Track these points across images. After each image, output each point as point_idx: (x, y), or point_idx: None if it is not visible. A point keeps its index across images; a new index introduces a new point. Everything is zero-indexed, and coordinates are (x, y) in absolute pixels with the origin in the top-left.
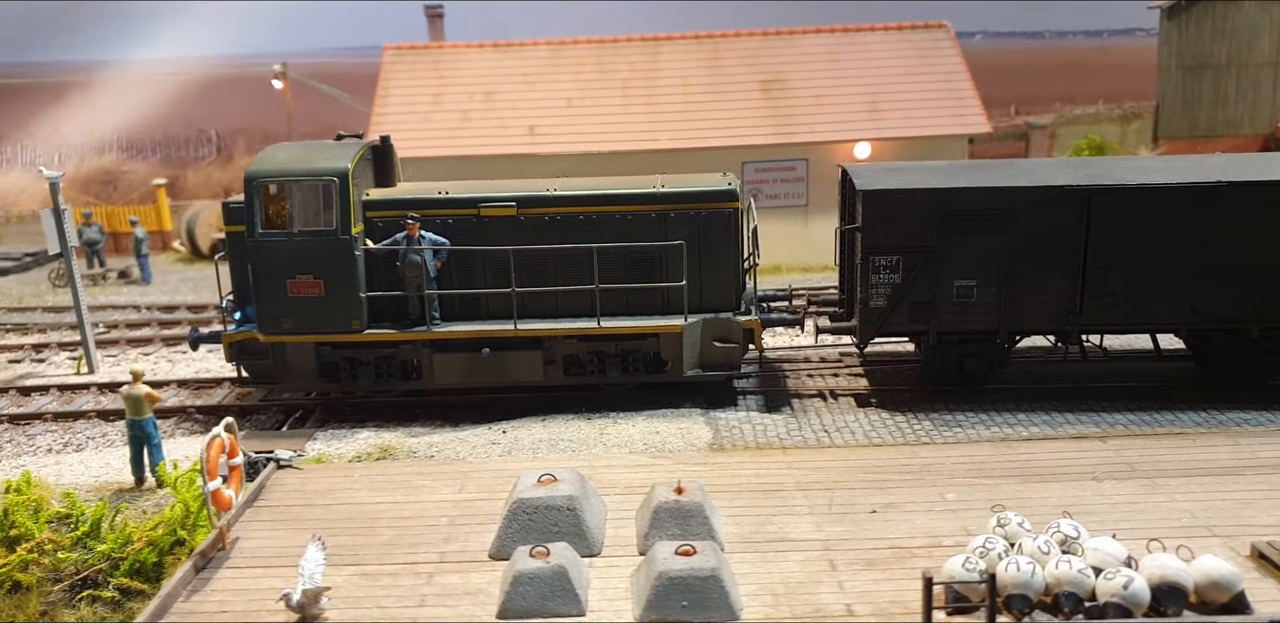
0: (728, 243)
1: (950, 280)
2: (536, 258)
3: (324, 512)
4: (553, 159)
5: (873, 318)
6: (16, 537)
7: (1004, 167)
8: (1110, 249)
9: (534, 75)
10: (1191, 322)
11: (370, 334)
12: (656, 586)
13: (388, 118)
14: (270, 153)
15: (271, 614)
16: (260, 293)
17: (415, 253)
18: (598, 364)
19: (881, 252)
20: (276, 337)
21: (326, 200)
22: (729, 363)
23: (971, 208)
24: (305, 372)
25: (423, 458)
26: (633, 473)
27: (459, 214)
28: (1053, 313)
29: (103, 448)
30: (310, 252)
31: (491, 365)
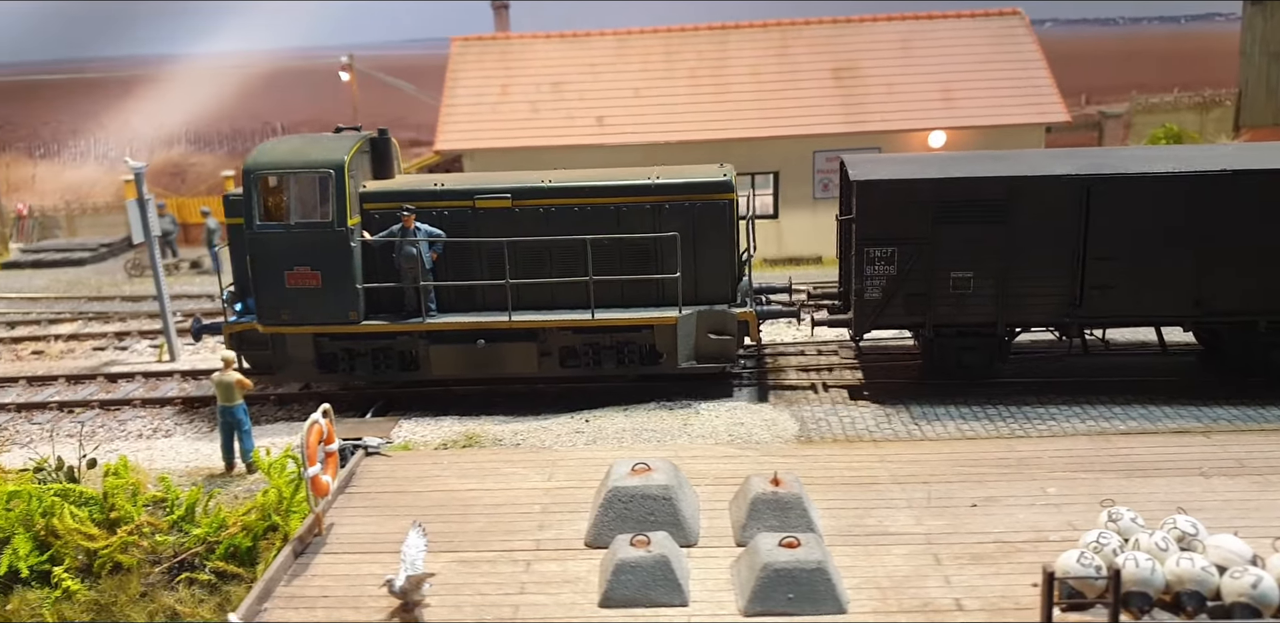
0: (723, 234)
1: (946, 272)
2: (531, 250)
3: (416, 499)
4: (621, 149)
5: (868, 310)
6: (116, 519)
7: (1001, 157)
8: (1110, 240)
9: (601, 66)
10: (1196, 315)
11: (366, 325)
12: (762, 578)
13: (457, 110)
14: (269, 145)
15: (373, 600)
16: (259, 284)
17: (410, 245)
18: (593, 356)
19: (876, 243)
20: (275, 328)
21: (323, 193)
22: (724, 355)
23: (966, 198)
24: (304, 363)
25: (508, 446)
26: (721, 464)
27: (454, 206)
28: (1052, 305)
29: (190, 434)
30: (307, 243)
31: (487, 357)
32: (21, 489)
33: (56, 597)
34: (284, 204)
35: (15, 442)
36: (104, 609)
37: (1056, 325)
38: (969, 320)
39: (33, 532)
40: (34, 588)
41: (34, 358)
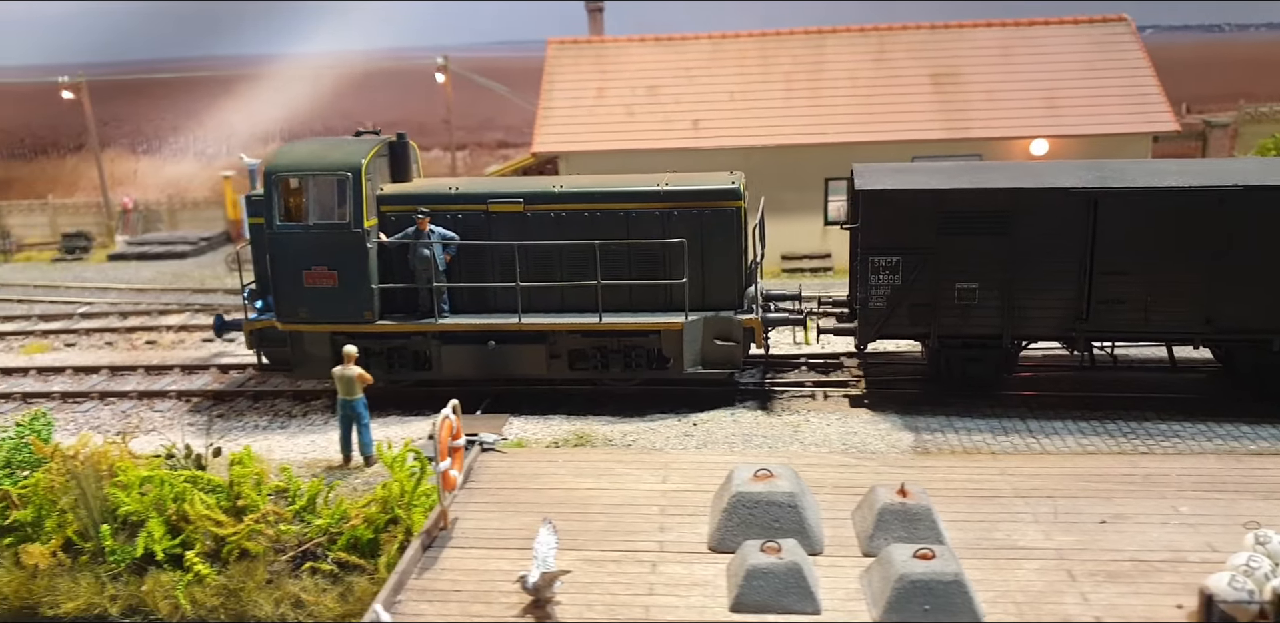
0: (730, 241)
1: (951, 283)
2: (542, 253)
3: (535, 496)
4: (717, 153)
5: (872, 319)
6: (243, 507)
7: (1012, 168)
8: (1118, 254)
9: (696, 69)
10: (1206, 331)
11: (381, 325)
12: (897, 588)
13: (553, 112)
14: (290, 147)
15: (504, 595)
16: (278, 283)
17: (425, 247)
18: (600, 359)
19: (880, 252)
20: (293, 325)
21: (341, 194)
22: (730, 361)
23: (970, 209)
24: (321, 360)
25: (619, 446)
26: (838, 473)
27: (468, 210)
28: (1058, 319)
29: (305, 427)
30: (325, 244)
31: (497, 358)
32: (154, 474)
33: (189, 580)
34: (303, 205)
35: (140, 429)
36: (232, 594)
37: (1063, 339)
38: (974, 332)
39: (165, 516)
40: (166, 571)
41: (148, 347)
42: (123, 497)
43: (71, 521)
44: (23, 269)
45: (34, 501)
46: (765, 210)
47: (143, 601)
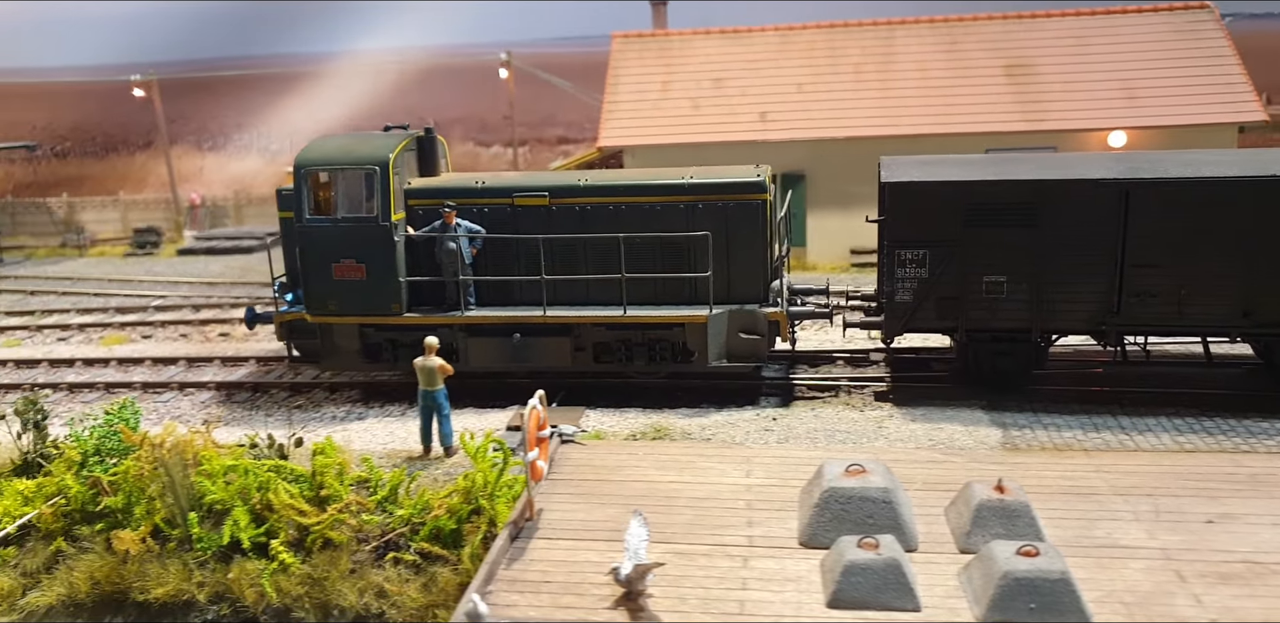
0: (756, 234)
1: (978, 276)
2: (567, 247)
3: (619, 488)
4: (785, 145)
5: (899, 313)
6: (326, 497)
7: (1041, 160)
8: (1150, 246)
9: (763, 61)
10: (1244, 326)
11: (408, 317)
12: (1001, 586)
13: (619, 106)
14: (319, 142)
15: (595, 587)
16: (307, 276)
17: (451, 240)
18: (625, 352)
19: (906, 245)
20: (323, 317)
21: (369, 188)
22: (755, 355)
23: (997, 201)
24: (350, 352)
25: (699, 440)
26: (926, 469)
27: (494, 203)
28: (1088, 312)
29: (382, 417)
30: (353, 237)
31: (522, 350)
32: (238, 464)
33: (274, 569)
34: (332, 199)
35: (221, 419)
36: (316, 583)
37: (1093, 333)
38: (1002, 326)
39: (249, 505)
40: (251, 559)
41: (222, 339)
42: (209, 485)
43: (159, 508)
44: (96, 263)
45: (123, 488)
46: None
47: (229, 588)
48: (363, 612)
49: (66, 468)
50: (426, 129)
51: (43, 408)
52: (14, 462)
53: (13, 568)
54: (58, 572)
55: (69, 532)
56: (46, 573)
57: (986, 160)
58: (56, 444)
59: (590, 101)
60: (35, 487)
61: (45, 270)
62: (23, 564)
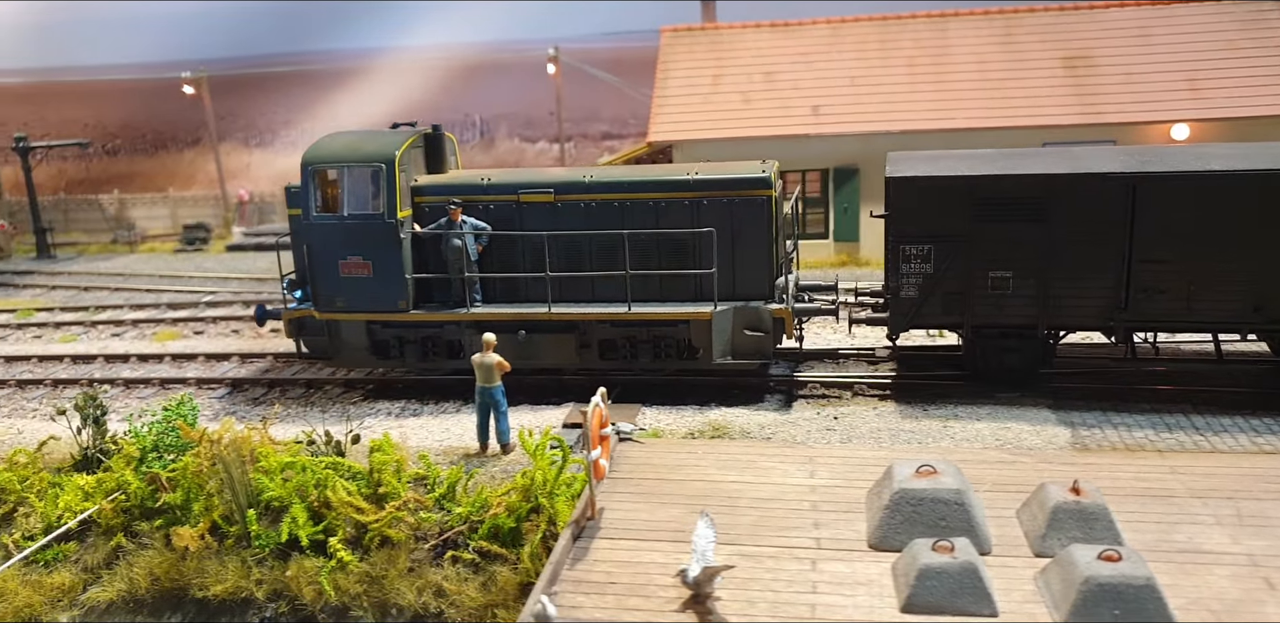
0: (761, 231)
1: (984, 271)
2: (572, 243)
3: (679, 487)
4: (838, 139)
5: (904, 308)
6: (384, 494)
7: (1048, 154)
8: (1159, 241)
9: (814, 54)
10: (1255, 321)
11: (414, 314)
12: (1083, 592)
13: (668, 100)
14: (327, 139)
15: (660, 589)
16: (315, 273)
17: (456, 237)
18: (630, 349)
19: (912, 240)
20: (331, 315)
21: (375, 186)
22: (760, 352)
23: (1003, 196)
24: (358, 349)
25: (759, 439)
26: (995, 469)
27: (500, 200)
28: (1096, 308)
29: (437, 414)
30: (360, 234)
31: (528, 348)
32: (295, 461)
33: (332, 567)
34: (338, 196)
35: (276, 415)
36: (375, 582)
37: (1101, 329)
38: (1009, 322)
39: (307, 502)
40: (309, 556)
41: (274, 336)
42: (266, 482)
43: (217, 505)
44: (147, 259)
45: (182, 484)
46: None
47: (287, 586)
48: (421, 611)
49: (125, 464)
50: (434, 126)
51: (102, 404)
52: (74, 457)
53: (74, 563)
54: (118, 568)
55: (128, 528)
56: (107, 569)
57: (994, 155)
58: (115, 440)
59: (637, 96)
60: (95, 482)
61: (97, 266)
62: (84, 560)
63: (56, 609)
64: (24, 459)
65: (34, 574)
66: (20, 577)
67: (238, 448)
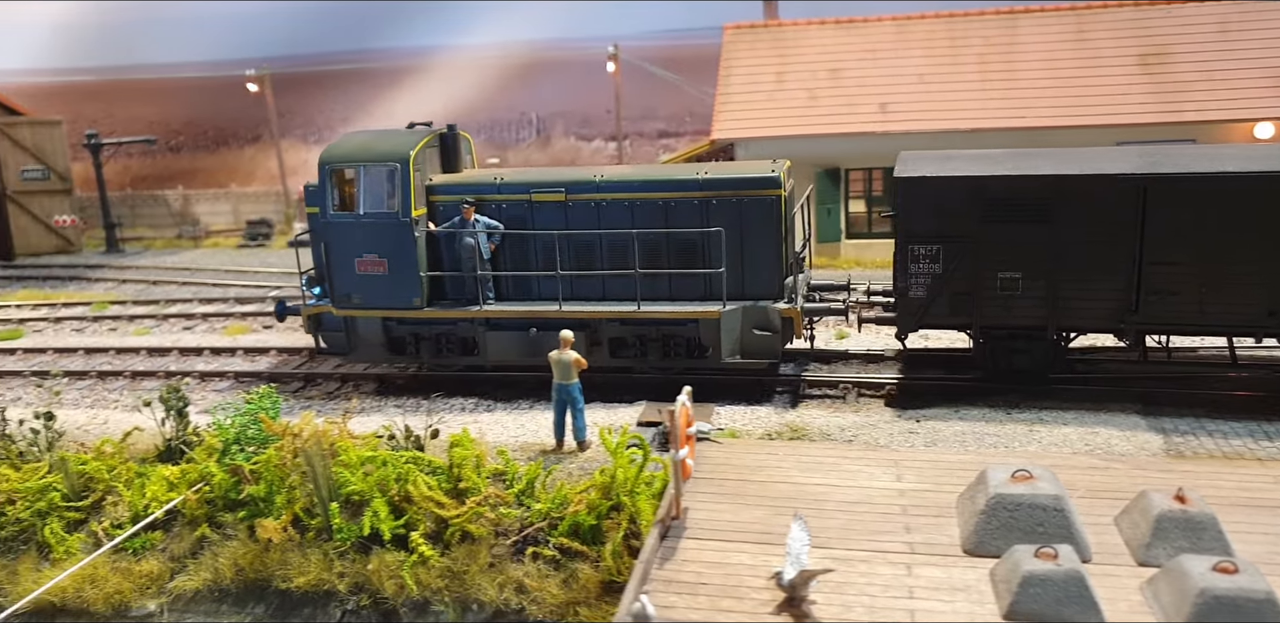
0: (770, 230)
1: (992, 272)
2: (582, 242)
3: (762, 489)
4: (907, 138)
5: (912, 308)
6: (464, 489)
7: (1059, 154)
8: (1170, 243)
9: (881, 52)
10: (1270, 325)
11: (428, 311)
12: (1198, 604)
13: (732, 98)
14: (344, 139)
15: (753, 591)
16: (332, 270)
17: (469, 236)
18: (640, 348)
19: (920, 240)
20: (347, 311)
21: (390, 185)
22: (769, 351)
23: (1012, 197)
24: (374, 344)
25: (840, 441)
26: (1088, 475)
27: (512, 199)
28: (1106, 310)
29: (511, 410)
30: (375, 233)
31: (539, 345)
32: (376, 455)
33: (413, 561)
34: (354, 195)
35: (353, 410)
36: (456, 577)
37: (1111, 331)
38: (1018, 323)
39: (388, 496)
40: (390, 550)
41: None
42: (348, 476)
43: (299, 497)
44: (212, 254)
45: (265, 476)
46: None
47: (368, 579)
48: (502, 607)
49: (207, 455)
50: (449, 126)
51: (184, 396)
52: (158, 448)
53: (160, 552)
54: (203, 558)
55: (212, 518)
56: (192, 558)
57: (1005, 155)
58: (197, 432)
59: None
60: (179, 473)
61: (164, 261)
62: (170, 549)
63: (145, 596)
64: (110, 449)
65: (123, 562)
66: (110, 564)
67: (319, 442)
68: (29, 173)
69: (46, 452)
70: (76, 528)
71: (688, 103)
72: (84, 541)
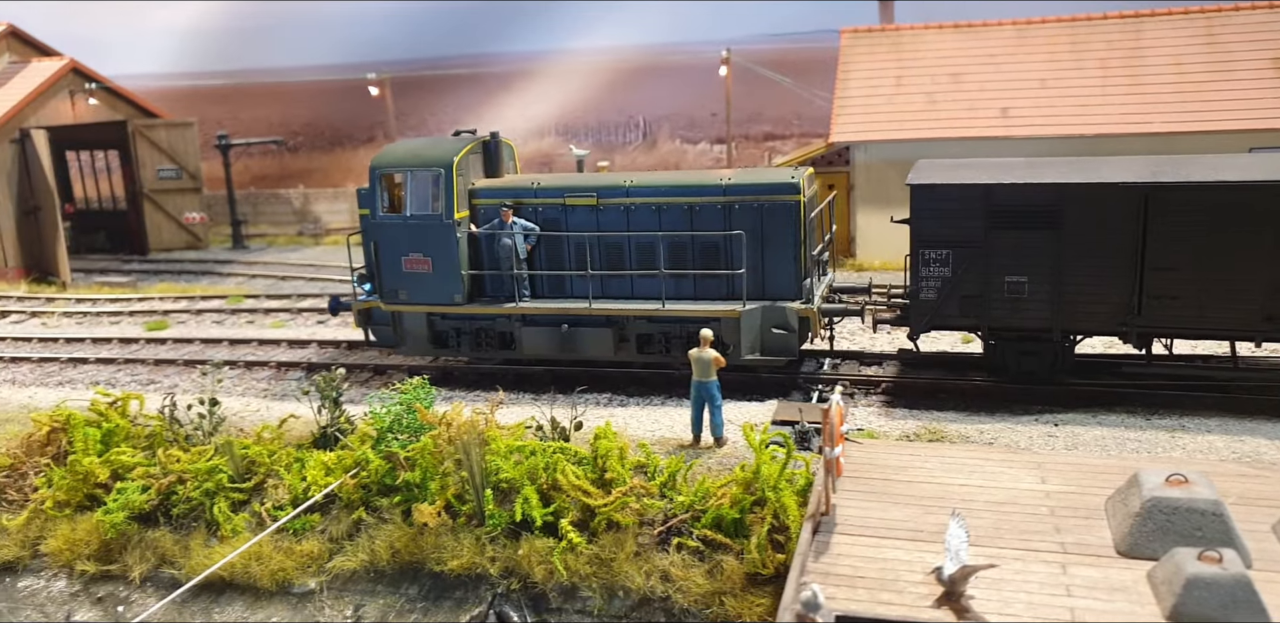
0: (789, 234)
1: (1000, 276)
2: (612, 244)
3: (908, 488)
4: (1029, 142)
5: (924, 310)
6: (609, 480)
7: (1067, 163)
8: (1171, 250)
9: (1001, 56)
10: (1267, 330)
11: (469, 307)
12: None
13: (850, 101)
14: (394, 146)
15: (910, 585)
16: (381, 268)
17: (507, 237)
18: (665, 344)
19: (931, 245)
20: (395, 306)
21: (435, 189)
22: (786, 349)
23: (1019, 204)
24: (419, 338)
25: (979, 444)
26: (1239, 483)
27: (548, 203)
28: (1109, 313)
29: (645, 405)
30: (420, 233)
31: (570, 340)
32: (525, 444)
33: (563, 548)
34: (402, 198)
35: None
36: (603, 564)
37: (1115, 334)
38: (1024, 325)
39: (537, 485)
40: (539, 537)
41: None
42: (501, 464)
43: (451, 484)
44: (332, 251)
45: (420, 463)
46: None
47: (518, 564)
48: (648, 594)
49: (361, 442)
50: (492, 134)
51: (339, 386)
52: (313, 434)
53: (320, 533)
54: (359, 540)
55: (367, 502)
56: (349, 540)
57: (1015, 164)
58: (350, 420)
59: (810, 98)
60: (335, 459)
61: (287, 257)
62: (329, 530)
63: (305, 574)
64: (269, 435)
65: (284, 541)
66: (273, 543)
67: (473, 431)
68: (164, 172)
69: (210, 436)
70: (240, 508)
71: (795, 105)
72: (247, 520)
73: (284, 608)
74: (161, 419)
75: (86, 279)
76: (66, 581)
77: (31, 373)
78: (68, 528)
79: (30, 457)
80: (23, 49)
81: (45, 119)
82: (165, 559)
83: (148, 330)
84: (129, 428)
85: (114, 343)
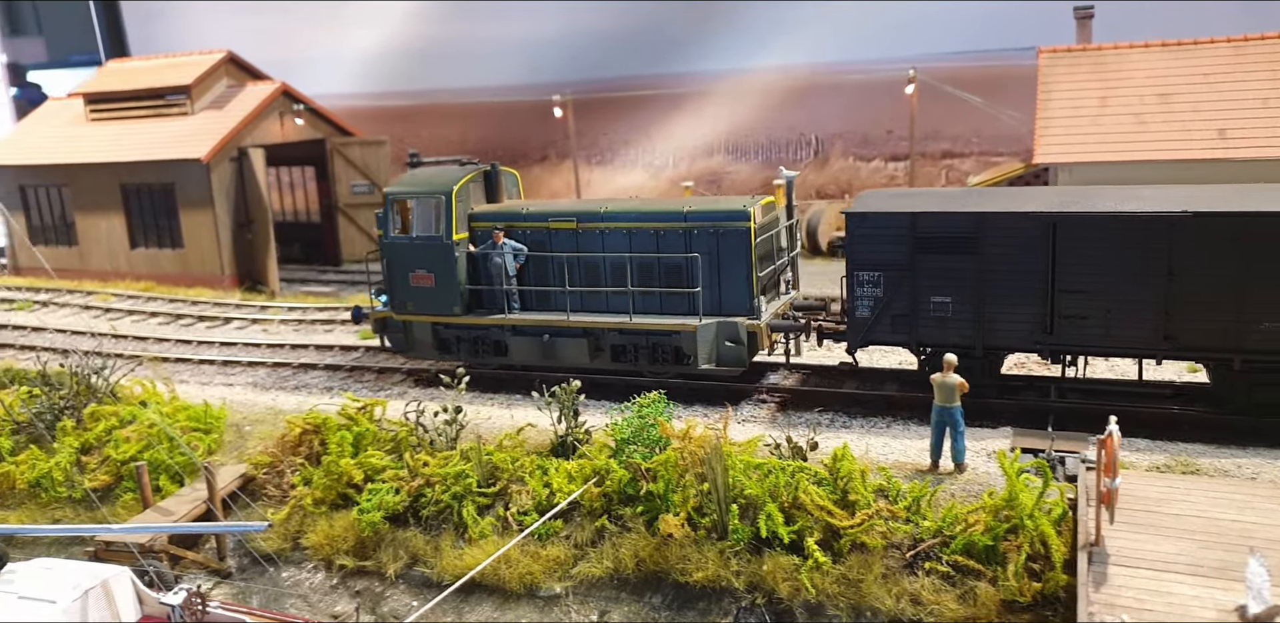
0: (742, 256)
1: (927, 296)
2: (589, 263)
3: (1176, 522)
4: (1250, 165)
5: (858, 327)
6: (852, 501)
7: (990, 194)
8: (1077, 273)
9: (1215, 75)
10: (1166, 349)
11: (466, 318)
12: None
13: (1052, 122)
14: (408, 175)
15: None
16: (392, 282)
17: (497, 255)
18: (634, 354)
19: (864, 268)
20: (405, 316)
21: (436, 213)
22: (738, 361)
23: (942, 231)
24: (426, 345)
25: (1240, 478)
26: None
27: (535, 226)
28: (1024, 331)
29: (870, 429)
30: (425, 252)
31: (551, 349)
32: (765, 462)
33: (809, 566)
34: (409, 220)
35: (732, 417)
36: (851, 584)
37: (1031, 351)
38: (950, 342)
39: (779, 502)
40: (782, 554)
41: None
42: (745, 480)
43: (692, 497)
44: None
45: (663, 475)
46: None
47: (763, 579)
48: (899, 617)
49: (600, 452)
50: (492, 164)
51: (577, 397)
52: (551, 442)
53: (564, 540)
54: (603, 547)
55: (609, 511)
56: (592, 547)
57: (947, 194)
58: (587, 430)
59: (993, 115)
60: (577, 467)
61: None
62: (573, 537)
63: (551, 579)
64: (509, 443)
65: (530, 545)
66: (520, 547)
67: (718, 447)
68: (357, 187)
69: (452, 442)
70: (485, 512)
71: (975, 123)
72: (493, 523)
73: (531, 610)
74: (406, 424)
75: (290, 288)
76: (325, 574)
77: (269, 377)
78: (325, 524)
79: (285, 456)
80: (238, 74)
81: (258, 138)
82: (417, 558)
83: (361, 339)
84: (376, 432)
85: (335, 350)
